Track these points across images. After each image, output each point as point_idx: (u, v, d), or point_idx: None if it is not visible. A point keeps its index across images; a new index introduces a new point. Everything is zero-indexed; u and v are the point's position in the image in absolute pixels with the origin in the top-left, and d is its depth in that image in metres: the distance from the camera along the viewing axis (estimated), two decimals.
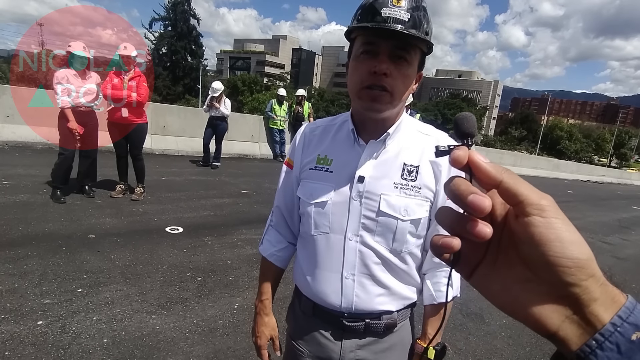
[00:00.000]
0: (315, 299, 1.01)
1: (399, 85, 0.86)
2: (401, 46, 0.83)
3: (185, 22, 40.68)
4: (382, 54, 0.83)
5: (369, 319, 0.98)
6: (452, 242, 0.31)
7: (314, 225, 0.98)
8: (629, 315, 0.28)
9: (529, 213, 0.29)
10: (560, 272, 0.28)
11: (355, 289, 0.96)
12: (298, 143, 1.06)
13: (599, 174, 22.04)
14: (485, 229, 0.29)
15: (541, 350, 2.71)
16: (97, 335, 2.18)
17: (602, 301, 0.29)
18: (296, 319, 1.11)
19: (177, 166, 7.12)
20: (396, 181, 0.92)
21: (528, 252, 0.29)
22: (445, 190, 0.32)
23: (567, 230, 0.28)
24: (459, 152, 0.31)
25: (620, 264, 5.19)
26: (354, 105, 0.94)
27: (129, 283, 2.79)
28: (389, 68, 0.83)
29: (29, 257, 2.94)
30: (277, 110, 9.27)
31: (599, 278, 0.29)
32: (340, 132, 1.00)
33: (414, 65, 0.87)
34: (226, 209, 4.94)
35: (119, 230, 3.71)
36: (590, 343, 0.28)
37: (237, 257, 3.48)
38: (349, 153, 0.96)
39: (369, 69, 0.84)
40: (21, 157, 5.95)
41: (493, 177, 0.30)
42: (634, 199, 14.25)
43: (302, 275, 1.05)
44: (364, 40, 0.86)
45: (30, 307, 2.35)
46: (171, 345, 2.20)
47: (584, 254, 0.28)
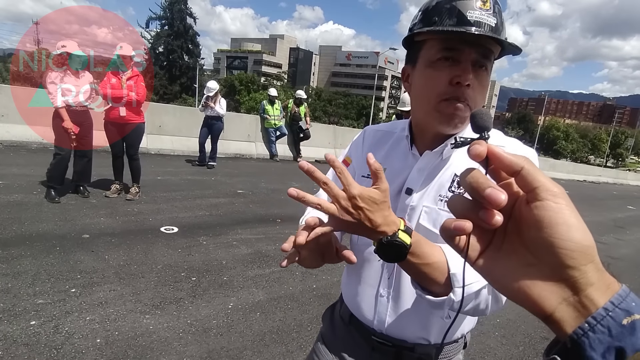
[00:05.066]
0: (353, 309, 0.98)
1: (477, 98, 0.77)
2: (485, 54, 0.75)
3: (182, 21, 40.62)
4: (466, 61, 0.74)
5: (400, 345, 0.90)
6: (465, 224, 0.32)
7: (358, 238, 0.93)
8: (621, 301, 0.29)
9: (543, 198, 0.30)
10: (562, 255, 0.30)
11: (389, 308, 0.89)
12: (358, 141, 1.00)
13: (595, 174, 22.14)
14: (497, 216, 0.31)
15: (534, 349, 2.73)
16: (90, 336, 2.18)
17: (598, 286, 0.30)
18: (332, 321, 1.07)
19: (172, 166, 7.11)
20: (442, 193, 0.82)
21: (535, 234, 0.31)
22: (462, 182, 0.33)
23: (574, 217, 0.30)
24: (478, 146, 0.33)
25: (614, 264, 5.22)
26: (423, 117, 0.83)
27: (123, 283, 2.78)
28: (473, 79, 0.74)
29: (23, 257, 2.93)
30: (269, 110, 9.27)
31: (597, 264, 0.31)
32: (398, 141, 0.93)
33: (490, 75, 0.79)
34: (222, 208, 4.94)
35: (114, 230, 3.70)
36: (583, 325, 0.30)
37: (232, 257, 3.48)
38: (402, 163, 0.89)
39: (450, 78, 0.74)
40: (15, 156, 5.92)
41: (515, 165, 0.31)
42: (629, 199, 14.34)
43: (346, 282, 1.02)
44: (444, 46, 0.75)
45: (24, 307, 2.34)
46: (165, 345, 2.20)
47: (587, 240, 0.30)
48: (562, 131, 57.35)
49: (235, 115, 10.58)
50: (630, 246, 6.41)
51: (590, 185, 18.26)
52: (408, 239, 0.64)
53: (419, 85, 0.81)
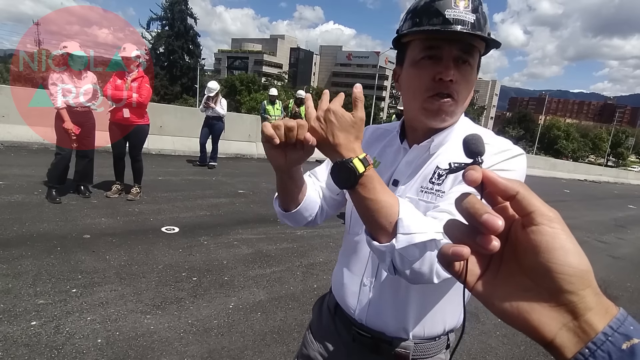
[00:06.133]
0: (338, 298, 1.00)
1: (463, 92, 0.80)
2: (466, 49, 0.78)
3: (183, 21, 40.70)
4: (447, 58, 0.77)
5: (378, 338, 0.91)
6: (462, 250, 0.32)
7: (350, 226, 0.97)
8: (619, 325, 0.29)
9: (539, 222, 0.30)
10: (560, 280, 0.30)
11: (370, 298, 0.91)
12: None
13: (595, 173, 22.13)
14: (494, 242, 0.31)
15: (535, 349, 2.72)
16: (91, 336, 2.18)
17: (597, 311, 0.30)
18: (320, 312, 1.10)
19: (173, 166, 7.12)
20: (423, 185, 0.84)
21: (532, 259, 0.31)
22: (457, 207, 0.33)
23: (571, 242, 0.30)
24: (473, 172, 0.33)
25: (615, 263, 5.20)
26: (414, 115, 0.86)
27: (124, 283, 2.78)
28: (455, 74, 0.77)
29: (24, 257, 2.93)
30: (270, 110, 9.27)
31: (595, 289, 0.31)
32: (394, 138, 0.96)
33: (475, 69, 0.82)
34: (222, 208, 4.94)
35: (115, 230, 3.70)
36: (584, 351, 0.30)
37: (233, 257, 3.48)
38: (394, 157, 0.93)
39: (433, 75, 0.78)
40: (17, 157, 5.93)
41: (510, 190, 0.32)
42: (630, 198, 14.32)
43: (335, 272, 1.05)
44: (426, 45, 0.79)
45: (24, 308, 2.34)
46: (165, 345, 2.20)
47: (584, 264, 0.30)
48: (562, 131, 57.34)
49: (236, 115, 10.59)
50: (631, 245, 6.39)
51: (591, 185, 18.25)
52: (362, 168, 0.66)
53: (406, 84, 0.85)
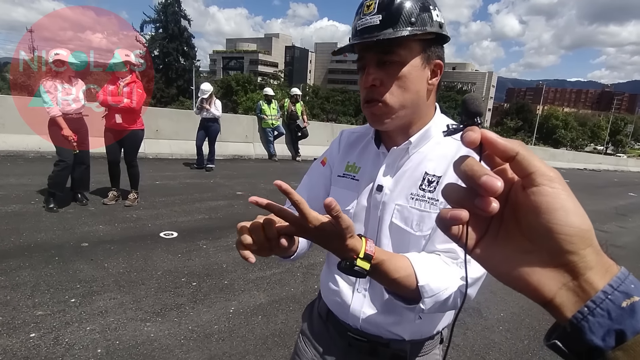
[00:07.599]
0: (330, 304, 1.00)
1: (393, 91, 0.81)
2: (385, 50, 0.79)
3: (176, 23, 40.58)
4: (368, 65, 0.82)
5: (375, 341, 0.92)
6: (461, 213, 0.32)
7: None
8: (620, 284, 0.29)
9: (540, 183, 0.30)
10: (561, 240, 0.29)
11: (364, 304, 0.91)
12: (335, 143, 1.05)
13: (595, 162, 22.11)
14: (493, 204, 0.31)
15: (539, 342, 2.71)
16: (91, 346, 2.16)
17: (597, 270, 0.30)
18: (311, 319, 1.10)
19: (171, 170, 7.09)
20: (413, 192, 0.85)
21: (532, 220, 0.30)
22: (456, 170, 0.32)
23: (572, 202, 0.30)
24: (472, 133, 0.32)
25: (617, 252, 5.19)
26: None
27: (123, 291, 2.77)
28: (376, 78, 0.80)
29: (21, 268, 2.92)
30: (266, 110, 9.26)
31: (595, 248, 0.30)
32: (370, 142, 0.97)
33: (412, 62, 0.80)
34: (221, 211, 4.92)
35: (113, 238, 3.68)
36: (583, 309, 0.29)
37: (233, 260, 3.46)
38: (373, 161, 0.93)
39: (363, 84, 0.84)
40: (13, 166, 5.90)
41: (510, 150, 0.31)
42: (630, 186, 14.30)
43: (324, 279, 1.03)
44: (357, 58, 0.86)
45: (23, 320, 2.32)
46: (166, 352, 2.18)
47: (585, 224, 0.30)
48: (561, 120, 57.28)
49: (232, 116, 10.56)
50: (632, 234, 6.38)
51: (591, 174, 18.23)
52: (367, 266, 0.66)
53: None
